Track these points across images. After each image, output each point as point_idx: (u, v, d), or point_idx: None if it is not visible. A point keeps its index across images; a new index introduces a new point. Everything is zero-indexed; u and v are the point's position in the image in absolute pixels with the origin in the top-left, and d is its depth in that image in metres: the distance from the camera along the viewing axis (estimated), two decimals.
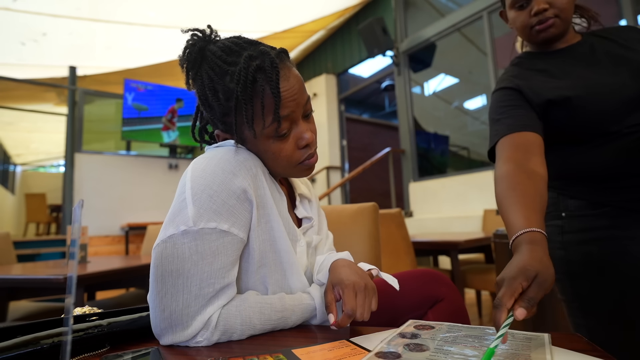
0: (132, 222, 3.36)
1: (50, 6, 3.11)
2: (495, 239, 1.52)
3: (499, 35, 3.06)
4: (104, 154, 3.53)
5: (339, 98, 4.93)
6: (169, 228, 0.44)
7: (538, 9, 0.66)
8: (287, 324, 0.48)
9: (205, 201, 0.44)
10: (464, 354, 0.36)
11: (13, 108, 5.06)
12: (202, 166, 0.46)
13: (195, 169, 0.47)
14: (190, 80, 0.52)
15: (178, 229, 0.43)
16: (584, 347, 0.37)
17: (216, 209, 0.44)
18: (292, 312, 0.48)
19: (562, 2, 0.66)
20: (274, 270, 0.50)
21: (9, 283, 1.10)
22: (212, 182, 0.45)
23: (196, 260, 0.43)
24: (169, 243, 0.43)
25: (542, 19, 0.67)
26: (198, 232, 0.43)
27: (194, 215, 0.43)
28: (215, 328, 0.43)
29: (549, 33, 0.68)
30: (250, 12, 3.72)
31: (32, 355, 0.37)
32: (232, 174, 0.46)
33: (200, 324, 0.42)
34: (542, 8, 0.66)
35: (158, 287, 0.43)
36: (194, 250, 0.43)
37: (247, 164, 0.48)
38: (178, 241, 0.43)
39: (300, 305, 0.49)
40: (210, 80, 0.49)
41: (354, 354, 0.38)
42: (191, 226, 0.43)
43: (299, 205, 0.60)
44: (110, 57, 4.17)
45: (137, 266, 1.20)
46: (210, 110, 0.52)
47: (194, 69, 0.51)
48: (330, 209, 1.06)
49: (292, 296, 0.50)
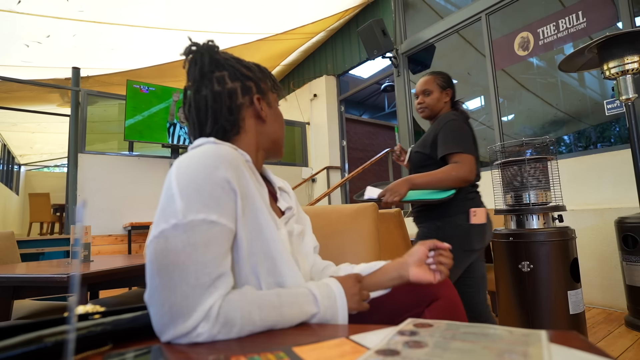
0: (135, 222, 3.37)
1: (54, 8, 3.14)
2: (493, 238, 1.52)
3: (497, 36, 3.06)
4: (107, 155, 3.55)
5: (339, 99, 4.93)
6: (159, 224, 0.45)
7: (417, 102, 1.33)
8: (286, 320, 0.48)
9: (192, 194, 0.45)
10: (462, 349, 0.36)
11: (17, 109, 5.10)
12: (186, 163, 0.48)
13: (179, 166, 0.48)
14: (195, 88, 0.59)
15: (168, 223, 0.44)
16: (581, 344, 0.37)
17: (203, 200, 0.46)
18: (290, 307, 0.48)
19: (428, 101, 1.29)
20: (263, 259, 0.52)
21: (13, 282, 1.11)
22: (197, 176, 0.47)
23: (189, 251, 0.44)
24: (161, 238, 0.44)
25: (419, 108, 1.33)
26: (188, 224, 0.44)
27: (182, 209, 0.45)
28: (216, 320, 0.43)
29: (424, 115, 1.32)
30: (251, 14, 3.73)
31: (36, 353, 0.37)
32: (214, 167, 0.48)
33: (201, 313, 0.42)
34: (418, 102, 1.33)
35: (155, 283, 0.43)
36: (186, 242, 0.44)
37: (228, 157, 0.50)
38: (170, 235, 0.44)
39: (298, 298, 0.50)
40: (229, 81, 0.59)
41: (353, 351, 0.38)
42: (181, 219, 0.44)
43: (279, 198, 0.65)
44: (114, 58, 4.19)
45: (140, 265, 1.21)
46: (213, 114, 0.57)
47: (206, 75, 0.58)
48: (330, 209, 1.06)
49: (289, 291, 0.50)
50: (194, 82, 0.59)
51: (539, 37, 2.77)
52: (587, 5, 2.52)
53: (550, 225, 1.44)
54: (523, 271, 1.39)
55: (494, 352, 0.35)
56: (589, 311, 2.03)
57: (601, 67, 1.73)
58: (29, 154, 8.02)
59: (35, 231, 5.88)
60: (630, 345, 1.48)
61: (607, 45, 1.66)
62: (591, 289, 2.13)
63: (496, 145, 1.59)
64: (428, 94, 1.29)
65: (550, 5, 2.76)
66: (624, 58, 1.63)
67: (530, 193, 1.44)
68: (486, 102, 3.30)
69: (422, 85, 1.30)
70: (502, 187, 1.54)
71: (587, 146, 2.67)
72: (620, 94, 1.69)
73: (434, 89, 1.29)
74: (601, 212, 2.13)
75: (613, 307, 2.05)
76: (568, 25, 2.61)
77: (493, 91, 3.04)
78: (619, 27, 2.38)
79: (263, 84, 0.64)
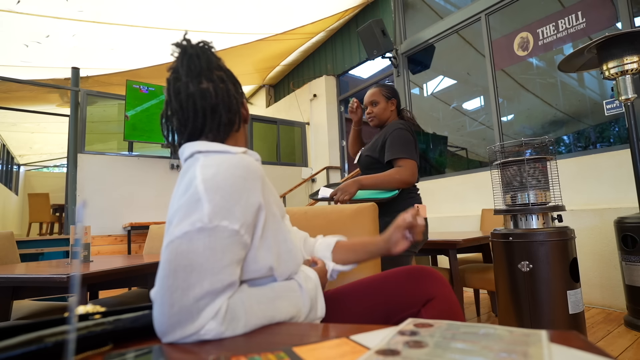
0: (134, 222, 3.37)
1: (53, 8, 3.13)
2: (493, 238, 1.52)
3: (497, 37, 3.06)
4: (106, 155, 3.55)
5: (338, 99, 4.94)
6: (183, 226, 0.45)
7: (366, 113, 1.47)
8: (282, 311, 0.51)
9: (219, 201, 0.46)
10: (463, 349, 0.36)
11: (16, 109, 5.09)
12: (214, 170, 0.49)
13: (205, 172, 0.48)
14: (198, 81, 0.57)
15: (194, 226, 0.45)
16: (581, 344, 0.37)
17: (229, 208, 0.47)
18: (283, 299, 0.52)
19: (376, 111, 1.44)
20: (284, 255, 0.56)
21: (13, 282, 1.11)
22: (225, 185, 0.47)
23: (208, 255, 0.44)
24: (184, 239, 0.44)
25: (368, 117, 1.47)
26: (213, 229, 0.45)
27: (209, 213, 0.45)
28: (224, 318, 0.44)
29: (373, 124, 1.48)
30: (250, 14, 3.73)
31: (36, 353, 0.37)
32: (242, 179, 0.49)
33: (210, 314, 0.43)
34: (367, 113, 1.47)
35: (169, 283, 0.43)
36: (207, 246, 0.44)
37: (253, 168, 0.51)
38: (194, 237, 0.44)
39: (288, 289, 0.54)
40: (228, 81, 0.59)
41: (354, 351, 0.38)
42: (207, 223, 0.45)
43: None
44: (113, 58, 4.19)
45: (139, 265, 1.21)
46: (211, 113, 0.57)
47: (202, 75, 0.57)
48: (330, 208, 1.07)
49: (280, 283, 0.54)
50: (197, 74, 0.56)
51: (539, 38, 2.78)
52: (586, 5, 2.52)
53: (549, 225, 1.44)
54: (522, 271, 1.39)
55: (494, 352, 0.35)
56: (589, 311, 2.04)
57: (600, 67, 1.73)
58: (28, 154, 8.01)
59: (35, 231, 5.87)
60: (629, 345, 1.49)
61: (606, 45, 1.66)
62: (590, 289, 2.13)
63: (496, 145, 1.59)
64: (375, 104, 1.44)
65: (549, 5, 2.76)
66: (624, 58, 1.63)
67: (530, 193, 1.44)
68: (486, 102, 3.30)
69: (370, 97, 1.45)
70: (501, 187, 1.54)
71: (587, 146, 2.68)
72: (620, 94, 1.69)
73: (380, 100, 1.43)
74: (600, 212, 2.13)
75: (612, 307, 2.05)
76: (567, 25, 2.61)
77: (493, 91, 3.05)
78: (619, 28, 2.38)
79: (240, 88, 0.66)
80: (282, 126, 5.07)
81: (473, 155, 3.70)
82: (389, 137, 1.33)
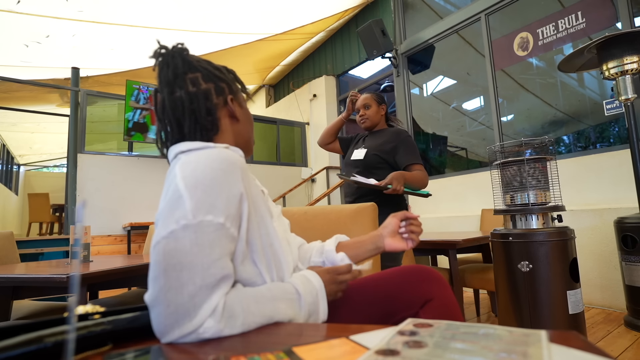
0: (134, 222, 3.37)
1: (53, 8, 3.13)
2: (492, 238, 1.52)
3: (496, 37, 3.06)
4: (106, 155, 3.55)
5: (338, 99, 4.93)
6: (168, 224, 0.45)
7: (359, 115, 1.61)
8: (280, 311, 0.50)
9: (201, 196, 0.46)
10: (462, 350, 0.36)
11: (16, 109, 5.09)
12: (193, 166, 0.48)
13: (184, 169, 0.48)
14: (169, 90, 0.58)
15: (178, 223, 0.44)
16: (581, 344, 0.37)
17: (212, 202, 0.46)
18: (280, 300, 0.51)
19: (369, 113, 1.59)
20: (270, 255, 0.55)
21: (13, 282, 1.11)
22: (205, 179, 0.47)
23: (196, 252, 0.44)
24: (170, 238, 0.44)
25: (361, 119, 1.61)
26: (197, 224, 0.45)
27: (192, 209, 0.45)
28: (222, 315, 0.44)
29: (365, 125, 1.61)
30: (250, 14, 3.73)
31: (36, 353, 0.37)
32: (222, 170, 0.48)
33: (208, 311, 0.43)
34: (360, 115, 1.61)
35: (161, 283, 0.43)
36: (194, 242, 0.44)
37: (234, 160, 0.51)
38: (180, 235, 0.44)
39: (284, 290, 0.53)
40: (203, 82, 0.59)
41: (353, 351, 0.38)
42: (190, 219, 0.45)
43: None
44: (113, 58, 4.19)
45: (139, 265, 1.21)
46: (192, 115, 0.57)
47: (180, 77, 0.58)
48: (330, 209, 1.07)
49: (277, 285, 0.53)
50: (167, 84, 0.58)
51: (539, 38, 2.78)
52: (586, 5, 2.52)
53: (549, 225, 1.44)
54: (522, 271, 1.39)
55: (493, 352, 0.35)
56: (588, 311, 2.04)
57: (600, 67, 1.73)
58: (28, 154, 8.01)
59: (35, 231, 5.88)
60: (629, 345, 1.49)
61: (606, 45, 1.66)
62: (590, 289, 2.13)
63: (495, 145, 1.59)
64: (368, 107, 1.58)
65: (549, 5, 2.76)
66: (623, 58, 1.63)
67: (530, 193, 1.44)
68: (486, 102, 3.30)
69: (363, 101, 1.60)
70: (501, 187, 1.54)
71: (587, 146, 2.68)
72: (620, 94, 1.70)
73: (372, 104, 1.58)
74: (600, 212, 2.13)
75: (612, 307, 2.05)
76: (567, 25, 2.61)
77: (492, 91, 3.05)
78: (618, 28, 2.38)
79: (233, 85, 0.65)
80: (282, 126, 5.07)
81: (473, 155, 3.70)
82: (401, 143, 1.49)
